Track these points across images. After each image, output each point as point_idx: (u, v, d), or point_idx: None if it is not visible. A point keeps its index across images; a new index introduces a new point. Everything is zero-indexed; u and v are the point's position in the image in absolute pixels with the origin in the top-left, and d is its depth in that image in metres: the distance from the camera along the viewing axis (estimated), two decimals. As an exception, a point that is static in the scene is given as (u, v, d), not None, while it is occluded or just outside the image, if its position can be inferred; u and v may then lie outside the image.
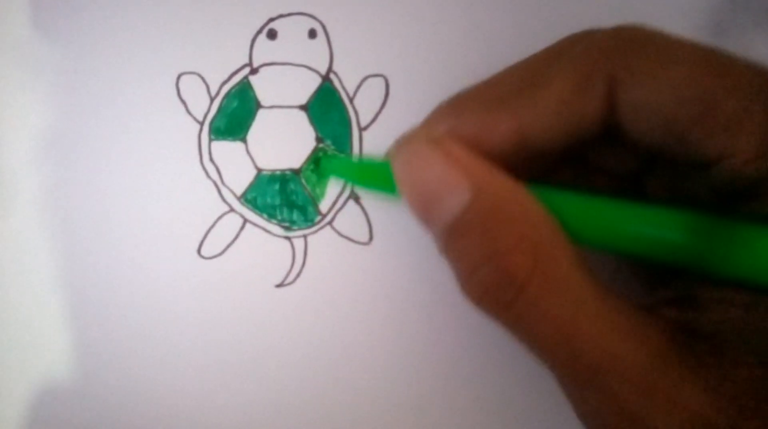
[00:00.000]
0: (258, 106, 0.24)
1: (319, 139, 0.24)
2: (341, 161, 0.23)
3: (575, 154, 0.18)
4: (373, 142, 0.24)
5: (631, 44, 0.16)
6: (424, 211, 0.16)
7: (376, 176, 0.20)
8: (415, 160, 0.16)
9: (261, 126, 0.24)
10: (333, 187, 0.24)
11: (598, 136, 0.17)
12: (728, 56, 0.16)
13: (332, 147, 0.24)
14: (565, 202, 0.16)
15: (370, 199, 0.24)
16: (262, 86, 0.24)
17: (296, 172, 0.24)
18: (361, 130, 0.24)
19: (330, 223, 0.24)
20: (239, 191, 0.24)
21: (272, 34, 0.24)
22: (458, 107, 0.18)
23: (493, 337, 0.23)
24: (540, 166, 0.17)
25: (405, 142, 0.17)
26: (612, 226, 0.16)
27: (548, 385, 0.23)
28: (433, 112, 0.18)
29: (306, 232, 0.24)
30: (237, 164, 0.24)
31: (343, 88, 0.24)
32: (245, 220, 0.24)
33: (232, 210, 0.24)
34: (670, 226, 0.16)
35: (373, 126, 0.24)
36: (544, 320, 0.15)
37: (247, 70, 0.24)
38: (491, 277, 0.15)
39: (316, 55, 0.24)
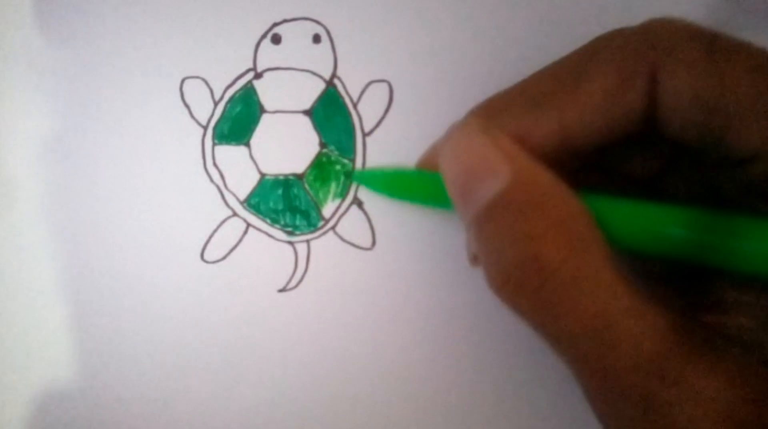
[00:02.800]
0: (262, 110, 0.24)
1: (322, 145, 0.24)
2: (374, 174, 0.23)
3: (607, 153, 0.18)
4: (377, 147, 0.24)
5: (669, 37, 0.16)
6: (464, 190, 0.16)
7: (413, 186, 0.20)
8: (462, 142, 0.16)
9: (265, 131, 0.24)
10: (336, 193, 0.24)
11: (636, 133, 0.17)
12: (763, 49, 0.16)
13: (336, 152, 0.24)
14: (596, 204, 0.16)
15: (373, 204, 0.24)
16: (266, 91, 0.24)
17: (299, 177, 0.24)
18: (364, 135, 0.24)
19: (333, 228, 0.24)
20: (242, 196, 0.24)
21: (276, 39, 0.24)
22: (498, 107, 0.18)
23: (497, 341, 0.23)
24: (575, 163, 0.17)
25: (455, 128, 0.17)
26: (637, 227, 0.16)
27: (552, 388, 0.23)
28: (474, 110, 0.18)
29: (309, 237, 0.24)
30: (240, 169, 0.24)
31: (347, 93, 0.24)
32: (248, 225, 0.24)
33: (235, 214, 0.24)
34: (686, 223, 0.16)
35: (377, 131, 0.24)
36: (572, 311, 0.14)
37: (251, 74, 0.24)
38: (519, 260, 0.15)
39: (320, 60, 0.24)
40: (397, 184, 0.22)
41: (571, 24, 0.24)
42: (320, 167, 0.24)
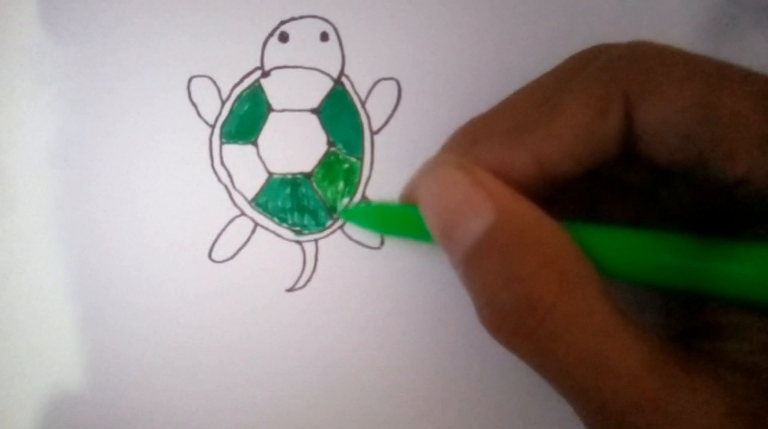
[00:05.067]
0: (269, 109, 0.24)
1: (330, 143, 0.23)
2: (361, 209, 0.23)
3: (596, 173, 0.17)
4: (385, 146, 0.23)
5: (645, 63, 0.15)
6: (446, 232, 0.16)
7: (398, 221, 0.20)
8: (440, 181, 0.16)
9: (272, 129, 0.24)
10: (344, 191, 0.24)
11: (614, 157, 0.16)
12: (745, 72, 0.15)
13: (344, 151, 0.24)
14: (583, 233, 0.16)
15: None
16: (274, 89, 0.23)
17: (307, 176, 0.24)
18: (372, 133, 0.24)
19: (341, 227, 0.23)
20: (250, 195, 0.23)
21: (284, 37, 0.23)
22: (474, 138, 0.17)
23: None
24: (556, 187, 0.17)
25: (430, 165, 0.16)
26: (626, 256, 0.16)
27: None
28: (448, 143, 0.18)
29: (317, 236, 0.23)
30: (248, 168, 0.23)
31: (355, 91, 0.24)
32: (256, 224, 0.23)
33: (243, 214, 0.23)
34: (675, 250, 0.16)
35: (385, 130, 0.24)
36: (569, 351, 0.14)
37: (258, 73, 0.23)
38: (512, 303, 0.15)
39: (328, 58, 0.23)
40: (384, 220, 0.22)
41: (575, 21, 0.23)
42: (328, 166, 0.23)
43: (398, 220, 0.21)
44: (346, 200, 0.23)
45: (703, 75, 0.15)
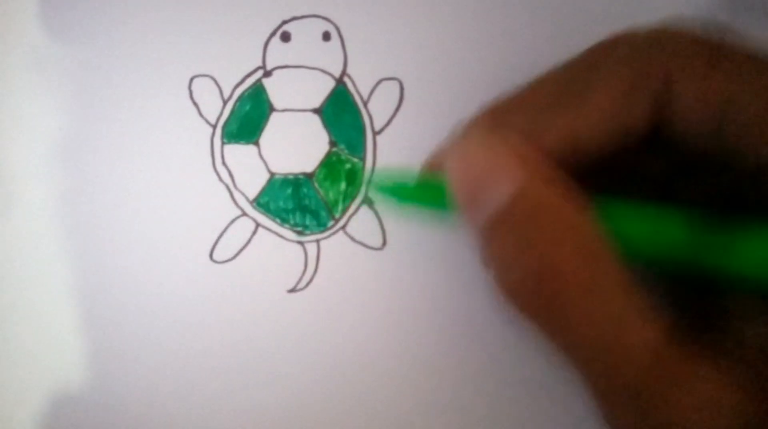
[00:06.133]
0: (271, 109, 0.23)
1: (332, 143, 0.23)
2: (393, 185, 0.23)
3: (617, 157, 0.17)
4: (388, 146, 0.23)
5: (679, 43, 0.15)
6: (472, 196, 0.15)
7: (426, 193, 0.19)
8: (470, 143, 0.16)
9: (274, 129, 0.23)
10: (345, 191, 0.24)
11: (647, 138, 0.16)
12: None
13: (346, 151, 0.23)
14: (607, 211, 0.16)
15: (383, 204, 0.23)
16: (276, 89, 0.23)
17: (309, 177, 0.23)
18: (375, 134, 0.23)
19: (343, 228, 0.23)
20: (252, 195, 0.23)
21: (286, 37, 0.23)
22: (505, 111, 0.17)
23: (508, 341, 0.23)
24: (583, 168, 0.17)
25: (462, 129, 0.16)
26: (648, 232, 0.16)
27: (562, 392, 0.23)
28: (477, 117, 0.18)
29: (319, 236, 0.23)
30: (250, 168, 0.23)
31: (357, 91, 0.23)
32: (258, 225, 0.23)
33: (244, 214, 0.23)
34: (698, 227, 0.16)
35: (388, 130, 0.23)
36: (585, 323, 0.14)
37: (260, 72, 0.23)
38: (532, 268, 0.14)
39: (330, 58, 0.23)
40: (406, 190, 0.21)
41: (583, 21, 0.23)
42: (330, 166, 0.23)
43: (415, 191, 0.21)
44: (348, 202, 0.23)
45: (733, 58, 0.15)
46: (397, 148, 0.23)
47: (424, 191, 0.20)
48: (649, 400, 0.14)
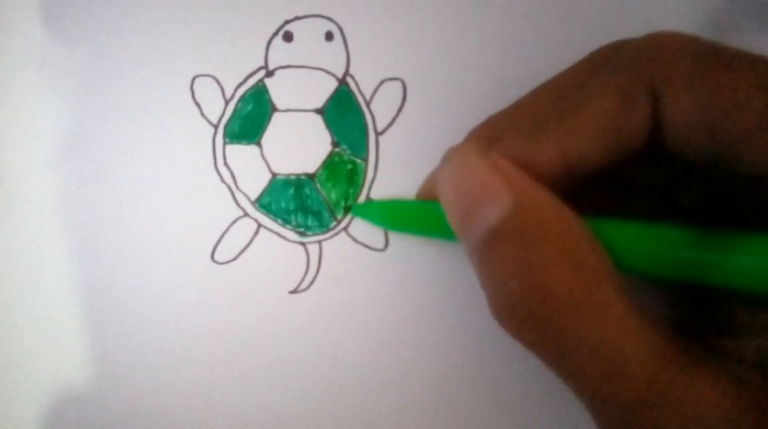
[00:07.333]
0: (273, 109, 0.23)
1: (335, 144, 0.23)
2: (375, 205, 0.23)
3: (614, 172, 0.17)
4: (390, 146, 0.23)
5: (670, 52, 0.15)
6: (463, 217, 0.15)
7: (413, 217, 0.20)
8: (459, 167, 0.16)
9: (276, 130, 0.23)
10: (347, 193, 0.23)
11: (641, 152, 0.16)
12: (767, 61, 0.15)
13: (348, 152, 0.23)
14: (600, 227, 0.16)
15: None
16: (278, 89, 0.23)
17: (311, 177, 0.23)
18: (377, 134, 0.23)
19: (345, 228, 0.23)
20: (254, 196, 0.23)
21: (288, 37, 0.23)
22: (496, 131, 0.17)
23: (509, 344, 0.23)
24: (578, 185, 0.17)
25: (450, 154, 0.16)
26: (645, 250, 0.16)
27: (562, 393, 0.23)
28: (470, 136, 0.18)
29: (321, 237, 0.23)
30: (251, 168, 0.23)
31: (360, 91, 0.23)
32: (259, 225, 0.23)
33: (246, 215, 0.23)
34: (694, 243, 0.15)
35: (390, 130, 0.23)
36: (582, 343, 0.14)
37: (262, 72, 0.23)
38: (524, 291, 0.14)
39: (333, 58, 0.23)
40: (397, 216, 0.22)
41: (580, 22, 0.23)
42: (332, 167, 0.23)
43: (410, 216, 0.21)
44: (350, 202, 0.23)
45: (727, 65, 0.15)
46: (399, 149, 0.23)
47: (420, 218, 0.20)
48: (648, 419, 0.14)
